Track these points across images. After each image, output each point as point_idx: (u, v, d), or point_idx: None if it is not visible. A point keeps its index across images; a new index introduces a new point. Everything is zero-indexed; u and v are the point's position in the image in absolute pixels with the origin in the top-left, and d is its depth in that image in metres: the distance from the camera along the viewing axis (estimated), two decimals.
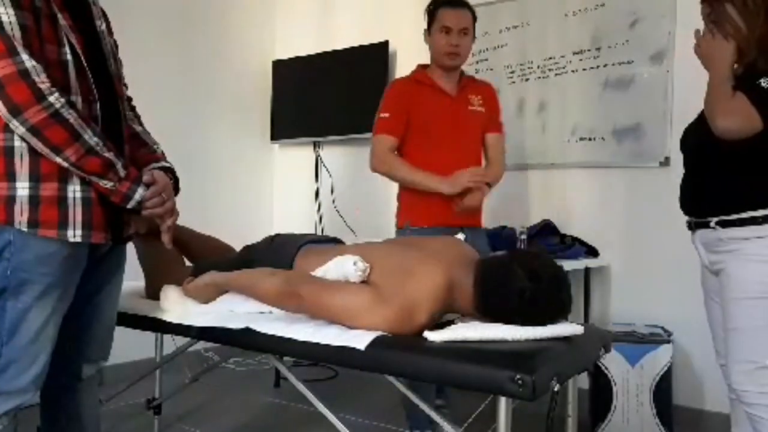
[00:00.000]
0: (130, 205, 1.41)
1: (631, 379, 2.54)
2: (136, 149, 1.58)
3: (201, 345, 3.49)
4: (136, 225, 1.55)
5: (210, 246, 2.16)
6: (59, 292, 1.36)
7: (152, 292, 1.94)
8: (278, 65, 4.18)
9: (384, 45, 3.72)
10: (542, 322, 1.43)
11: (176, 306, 1.77)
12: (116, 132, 1.46)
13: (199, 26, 3.84)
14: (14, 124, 1.26)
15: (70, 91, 1.33)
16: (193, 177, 3.71)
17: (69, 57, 1.33)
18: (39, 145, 1.28)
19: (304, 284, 1.56)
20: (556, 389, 1.25)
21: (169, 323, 1.71)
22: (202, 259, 2.06)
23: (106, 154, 1.34)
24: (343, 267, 1.56)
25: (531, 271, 1.42)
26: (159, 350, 2.52)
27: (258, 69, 4.19)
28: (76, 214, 1.35)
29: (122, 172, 1.38)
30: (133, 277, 2.08)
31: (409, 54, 3.80)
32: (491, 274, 1.49)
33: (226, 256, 2.04)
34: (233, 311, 1.67)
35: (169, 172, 1.58)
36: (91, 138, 1.32)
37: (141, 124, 1.67)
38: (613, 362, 2.54)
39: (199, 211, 3.69)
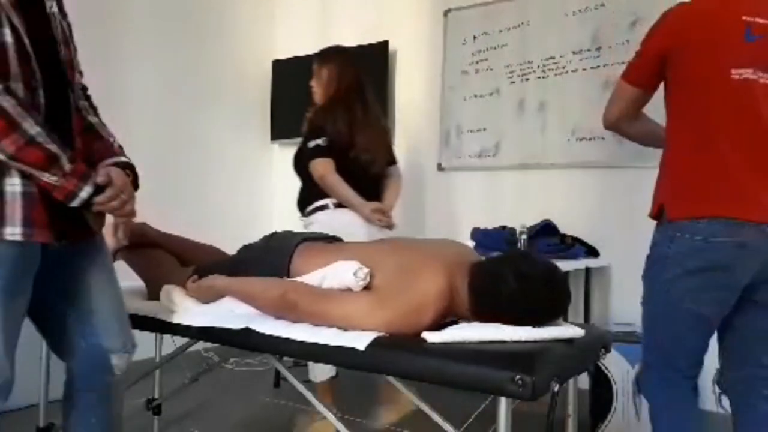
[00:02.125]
0: (75, 203, 1.29)
1: (631, 379, 2.54)
2: (90, 142, 1.45)
3: (201, 345, 3.49)
4: (94, 223, 1.42)
5: (199, 250, 2.16)
6: (6, 296, 1.26)
7: (153, 295, 1.94)
8: (278, 65, 4.18)
9: (384, 45, 3.72)
10: (535, 323, 1.43)
11: (176, 306, 1.77)
12: (64, 123, 1.34)
13: (199, 26, 3.84)
14: None
15: (8, 77, 1.21)
16: (192, 176, 3.72)
17: (9, 39, 1.21)
18: None
19: (303, 296, 1.56)
20: (556, 389, 1.25)
21: (169, 323, 1.71)
22: (200, 262, 2.06)
23: (49, 146, 1.23)
24: (343, 276, 1.56)
25: (519, 272, 1.43)
26: (159, 350, 2.52)
27: (258, 69, 4.19)
28: (15, 209, 1.24)
29: (68, 167, 1.25)
30: (131, 278, 2.08)
31: (409, 54, 3.80)
32: (483, 276, 1.49)
33: (226, 258, 2.04)
34: (233, 311, 1.67)
35: (127, 167, 1.45)
36: (32, 127, 1.21)
37: (97, 116, 1.54)
38: (614, 362, 2.54)
39: (198, 211, 3.69)
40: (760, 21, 1.53)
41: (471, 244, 2.95)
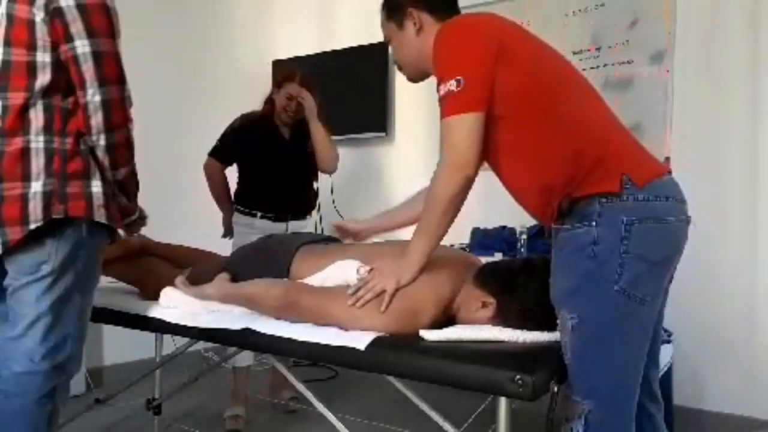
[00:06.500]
0: None
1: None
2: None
3: (201, 345, 3.48)
4: None
5: (193, 255, 2.15)
6: None
7: (150, 296, 1.92)
8: (278, 65, 4.18)
9: (384, 45, 3.70)
10: (541, 326, 1.44)
11: (176, 306, 1.77)
12: None
13: (198, 26, 3.84)
14: None
15: None
16: (192, 177, 3.71)
17: None
18: None
19: (304, 295, 1.55)
20: (556, 389, 1.25)
21: (169, 323, 1.71)
22: (196, 266, 2.04)
23: None
24: (345, 273, 1.56)
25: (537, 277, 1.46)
26: (159, 350, 2.52)
27: (258, 69, 4.18)
28: None
29: None
30: None
31: None
32: (494, 270, 1.54)
33: (221, 260, 2.02)
34: (233, 311, 1.67)
35: None
36: None
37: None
38: None
39: (198, 211, 3.69)
40: None
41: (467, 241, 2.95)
